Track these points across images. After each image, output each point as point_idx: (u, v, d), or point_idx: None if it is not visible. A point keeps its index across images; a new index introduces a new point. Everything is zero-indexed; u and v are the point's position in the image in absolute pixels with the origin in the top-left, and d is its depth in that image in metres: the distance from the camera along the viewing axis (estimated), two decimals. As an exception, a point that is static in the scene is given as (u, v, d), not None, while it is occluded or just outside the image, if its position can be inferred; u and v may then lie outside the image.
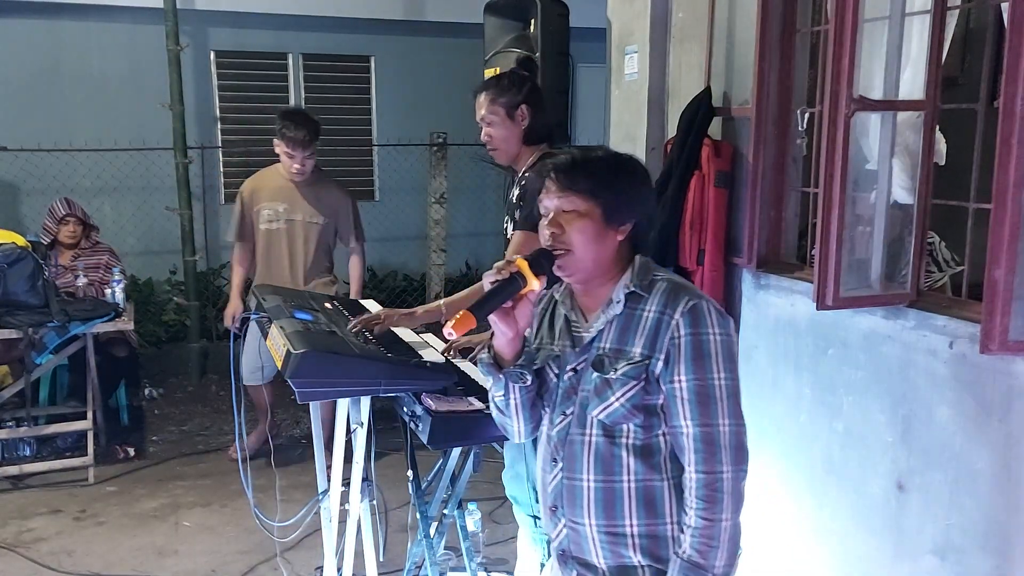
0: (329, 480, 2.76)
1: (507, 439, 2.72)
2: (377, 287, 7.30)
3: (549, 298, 1.81)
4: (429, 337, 2.94)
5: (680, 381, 1.58)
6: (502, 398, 1.76)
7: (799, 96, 2.81)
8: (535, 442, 2.85)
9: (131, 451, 4.67)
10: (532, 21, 3.47)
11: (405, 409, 2.34)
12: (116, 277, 4.61)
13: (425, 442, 2.21)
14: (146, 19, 6.41)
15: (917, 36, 2.37)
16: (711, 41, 2.99)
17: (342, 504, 2.65)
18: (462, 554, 2.91)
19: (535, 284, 1.61)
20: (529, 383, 1.71)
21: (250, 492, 2.76)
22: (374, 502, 2.80)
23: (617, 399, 1.61)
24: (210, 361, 6.26)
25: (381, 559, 2.97)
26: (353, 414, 2.51)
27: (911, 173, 2.38)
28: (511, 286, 1.60)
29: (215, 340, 6.40)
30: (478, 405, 2.26)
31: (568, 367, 1.70)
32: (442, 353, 2.80)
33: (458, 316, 1.54)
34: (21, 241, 4.27)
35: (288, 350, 2.16)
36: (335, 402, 2.81)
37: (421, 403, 2.23)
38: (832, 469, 2.57)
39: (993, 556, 2.08)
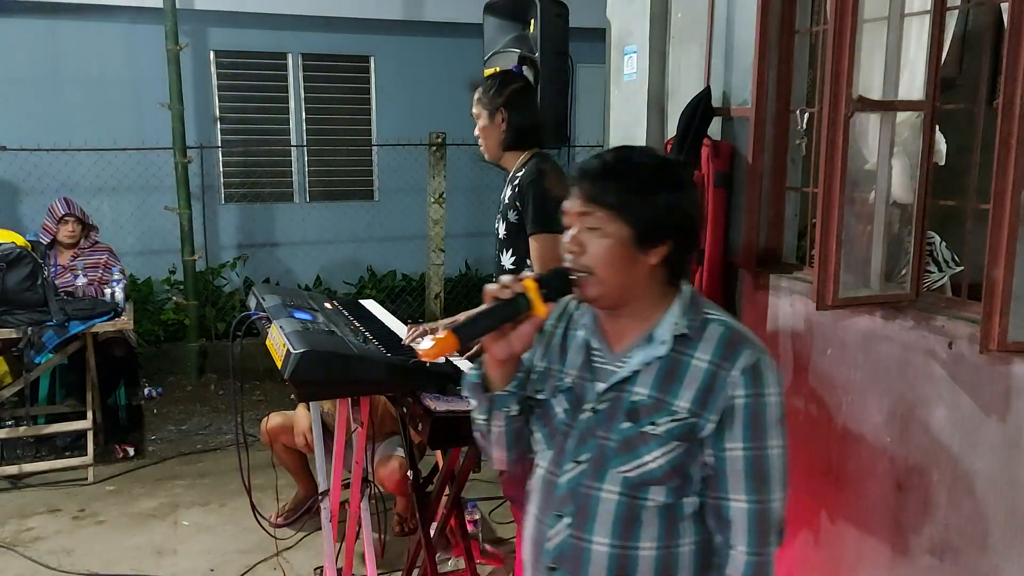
0: (329, 480, 2.77)
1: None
2: (376, 287, 7.31)
3: (562, 313, 1.57)
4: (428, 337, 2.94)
5: (735, 450, 1.38)
6: (484, 423, 1.55)
7: (798, 96, 2.81)
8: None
9: (130, 450, 4.68)
10: (532, 21, 3.47)
11: (404, 409, 2.34)
12: (116, 277, 4.61)
13: (425, 442, 2.21)
14: (145, 19, 6.41)
15: (916, 37, 2.37)
16: (710, 41, 2.99)
17: (342, 504, 2.65)
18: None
19: (542, 311, 1.40)
20: (516, 413, 1.50)
21: (249, 492, 2.76)
22: (374, 502, 2.80)
23: (654, 458, 1.39)
24: (209, 360, 6.26)
25: (381, 559, 2.97)
26: (353, 414, 2.52)
27: (911, 173, 2.39)
28: (510, 309, 1.40)
29: (214, 339, 6.40)
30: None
31: (587, 405, 1.46)
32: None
33: (439, 337, 1.36)
34: (21, 241, 4.27)
35: (288, 350, 2.17)
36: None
37: (421, 403, 2.23)
38: (830, 469, 2.57)
39: (991, 556, 2.08)
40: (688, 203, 1.42)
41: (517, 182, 2.74)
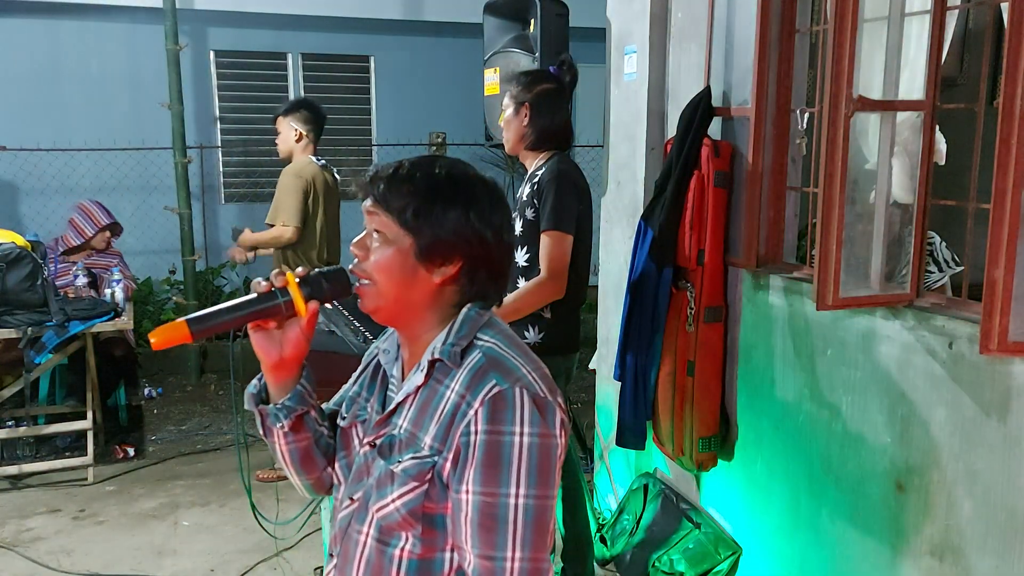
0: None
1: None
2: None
3: (388, 337, 1.43)
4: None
5: (466, 493, 1.19)
6: (268, 441, 1.40)
7: (799, 96, 2.81)
8: None
9: (130, 451, 4.67)
10: (532, 21, 3.47)
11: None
12: (115, 277, 4.61)
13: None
14: (145, 19, 6.42)
15: (916, 36, 2.37)
16: (710, 41, 2.99)
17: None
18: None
19: (302, 309, 1.28)
20: (288, 429, 1.35)
21: (249, 492, 2.76)
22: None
23: (393, 500, 1.24)
24: (209, 360, 6.27)
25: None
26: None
27: (911, 173, 2.39)
28: (265, 304, 1.26)
29: (214, 339, 6.40)
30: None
31: (366, 439, 1.33)
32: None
33: (171, 324, 1.21)
34: (20, 241, 4.27)
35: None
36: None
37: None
38: (831, 469, 2.57)
39: (991, 557, 2.08)
40: (483, 225, 1.27)
41: (537, 180, 2.77)
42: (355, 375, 1.47)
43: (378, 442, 1.30)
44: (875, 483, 2.41)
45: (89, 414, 4.43)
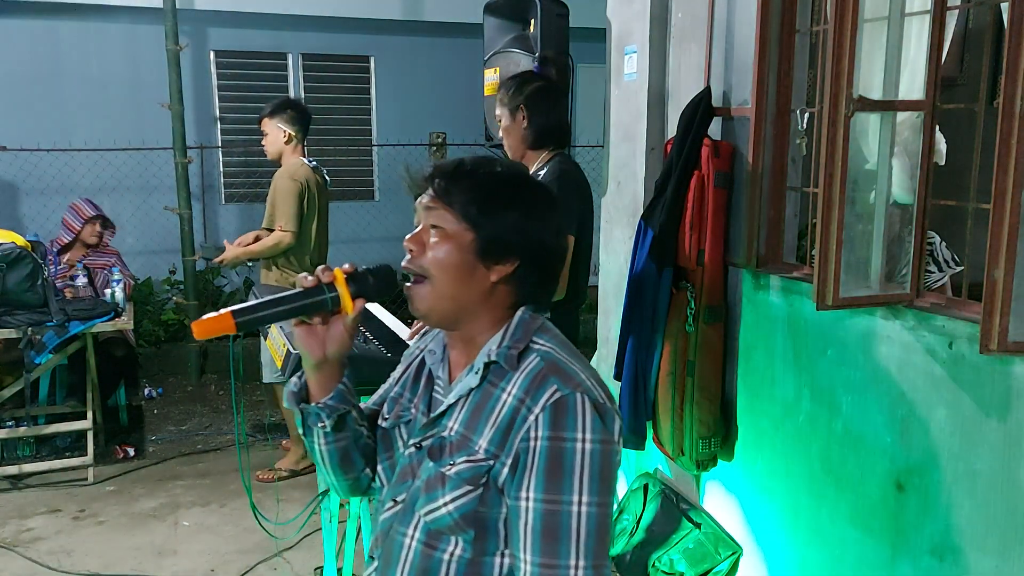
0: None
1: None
2: (377, 287, 7.31)
3: (432, 337, 1.42)
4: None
5: (527, 500, 1.17)
6: (307, 441, 1.38)
7: (799, 96, 2.81)
8: None
9: (130, 451, 4.67)
10: (532, 21, 3.47)
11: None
12: (115, 277, 4.61)
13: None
14: (145, 19, 6.42)
15: (916, 36, 2.37)
16: (710, 41, 2.99)
17: (342, 504, 2.65)
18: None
19: (348, 306, 1.25)
20: (331, 429, 1.33)
21: (249, 492, 2.76)
22: (374, 502, 2.80)
23: (445, 503, 1.22)
24: (209, 361, 6.27)
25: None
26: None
27: (911, 173, 2.39)
28: (310, 299, 1.24)
29: (214, 340, 6.40)
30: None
31: (412, 441, 1.33)
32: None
33: (216, 314, 1.19)
34: (21, 241, 4.27)
35: (288, 349, 2.17)
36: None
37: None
38: (830, 469, 2.57)
39: (991, 556, 2.08)
40: (541, 226, 1.28)
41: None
42: (396, 375, 1.46)
43: (426, 444, 1.29)
44: (875, 483, 2.41)
45: (89, 414, 4.43)
